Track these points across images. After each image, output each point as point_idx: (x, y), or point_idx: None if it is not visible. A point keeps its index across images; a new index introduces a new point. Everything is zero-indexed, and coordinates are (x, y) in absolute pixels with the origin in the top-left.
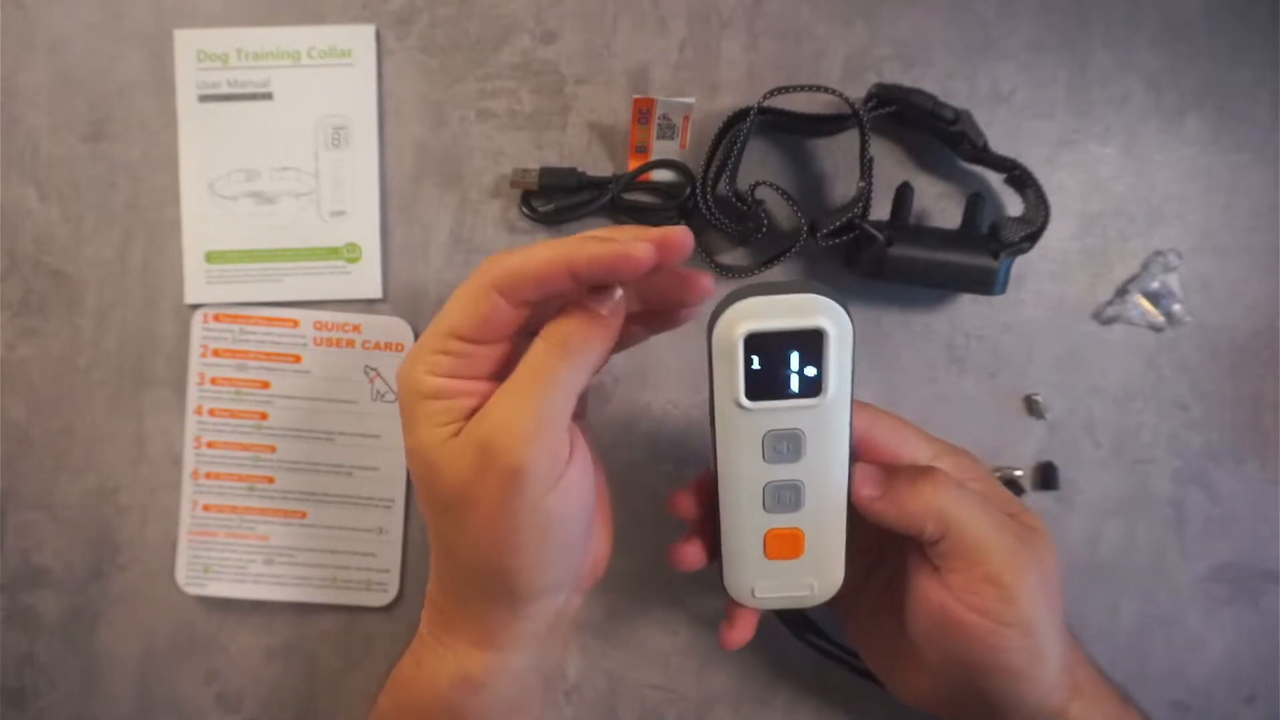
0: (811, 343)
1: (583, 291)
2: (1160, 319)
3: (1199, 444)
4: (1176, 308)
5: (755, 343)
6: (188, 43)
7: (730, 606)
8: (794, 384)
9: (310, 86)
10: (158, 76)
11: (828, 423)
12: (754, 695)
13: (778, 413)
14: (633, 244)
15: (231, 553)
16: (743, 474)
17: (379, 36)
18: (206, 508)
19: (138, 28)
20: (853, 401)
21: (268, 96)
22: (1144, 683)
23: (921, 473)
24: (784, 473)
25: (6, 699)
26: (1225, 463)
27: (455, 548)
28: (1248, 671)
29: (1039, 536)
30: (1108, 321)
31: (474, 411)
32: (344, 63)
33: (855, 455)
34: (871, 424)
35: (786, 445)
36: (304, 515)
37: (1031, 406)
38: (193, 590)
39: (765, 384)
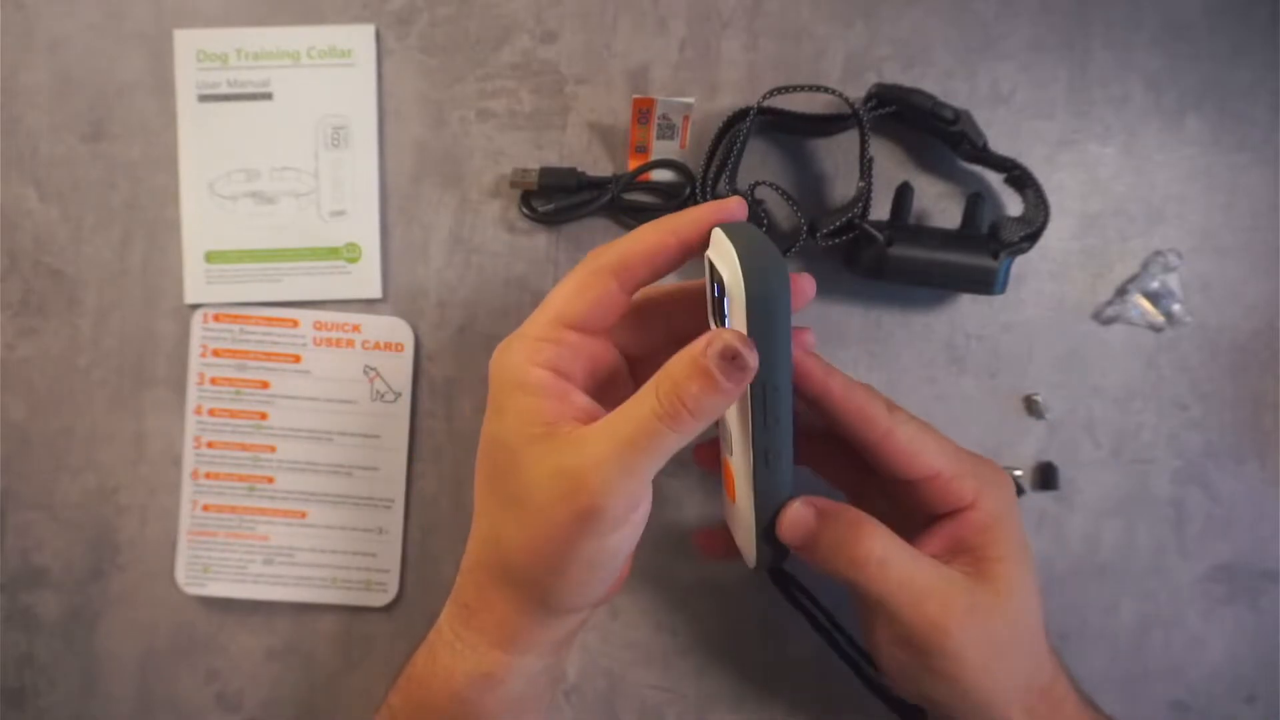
0: (724, 292)
1: (713, 356)
2: (1160, 319)
3: (1199, 444)
4: (1176, 308)
5: (712, 265)
6: (188, 43)
7: None
8: (726, 323)
9: (310, 86)
10: (158, 76)
11: None
12: (754, 695)
13: None
14: (726, 199)
15: (231, 553)
16: None
17: (379, 36)
18: (206, 508)
19: (138, 28)
20: (773, 381)
21: (268, 96)
22: (1144, 683)
23: (854, 532)
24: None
25: (6, 699)
26: (1225, 463)
27: (506, 542)
28: (1248, 671)
29: (997, 592)
30: (1108, 321)
31: (560, 418)
32: (344, 63)
33: (795, 451)
34: (890, 429)
35: None
36: (304, 515)
37: (1031, 406)
38: (193, 590)
39: (717, 310)
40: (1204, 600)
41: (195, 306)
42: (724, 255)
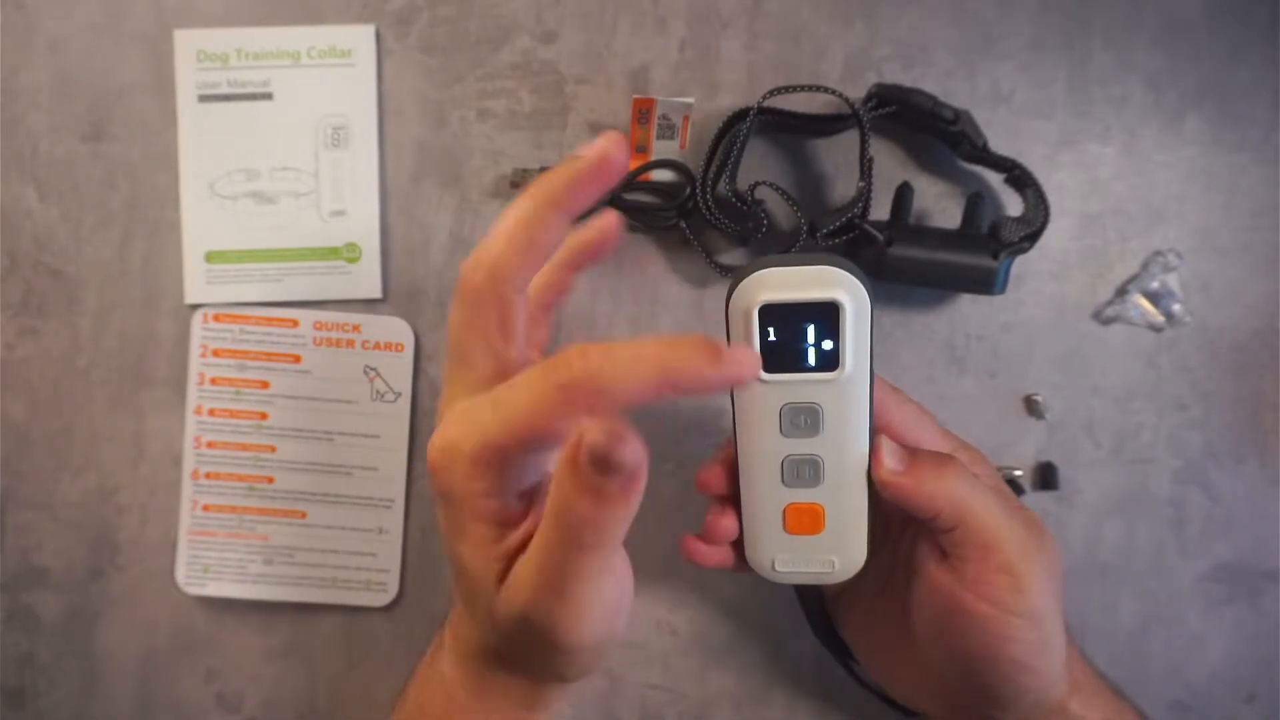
0: (827, 315)
1: (586, 469)
2: (1160, 319)
3: (1199, 444)
4: (1176, 308)
5: (771, 314)
6: (188, 43)
7: (712, 524)
8: (811, 357)
9: (310, 86)
10: (158, 76)
11: (846, 397)
12: (754, 695)
13: (794, 386)
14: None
15: (231, 553)
16: (760, 447)
17: (379, 36)
18: (206, 508)
19: (138, 28)
20: (873, 377)
21: (268, 96)
22: (1144, 683)
23: (942, 458)
24: (802, 447)
25: (6, 699)
26: (1225, 463)
27: (508, 645)
28: (1248, 671)
29: (1045, 532)
30: (1108, 321)
31: (514, 545)
32: (344, 63)
33: (876, 432)
34: (895, 409)
35: (804, 419)
36: (304, 515)
37: (1031, 406)
38: (192, 590)
39: (781, 356)
40: (1204, 600)
41: (195, 306)
42: (808, 281)
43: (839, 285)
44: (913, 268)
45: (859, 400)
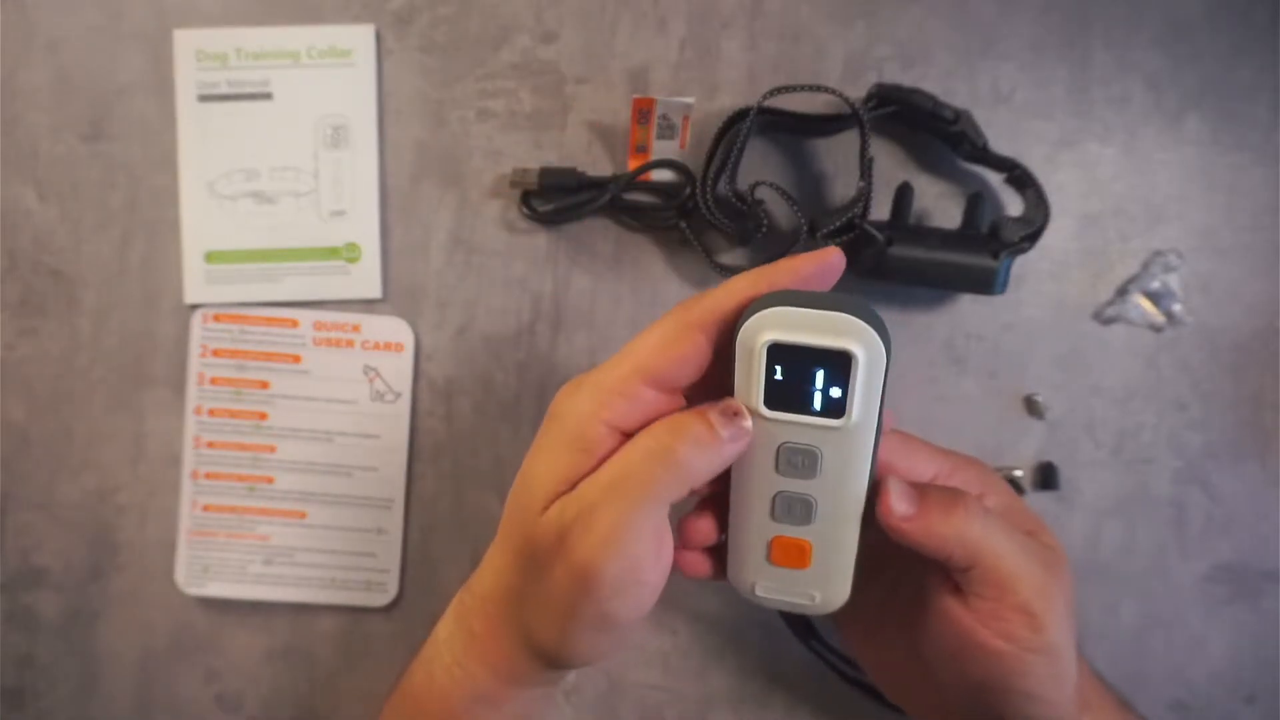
0: (838, 364)
1: (711, 408)
2: (1160, 319)
3: (1199, 444)
4: (1176, 308)
5: (779, 353)
6: (187, 43)
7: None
8: (816, 401)
9: (310, 86)
10: (157, 76)
11: (848, 446)
12: (754, 695)
13: (796, 427)
14: (825, 250)
15: (231, 553)
16: (753, 479)
17: (379, 36)
18: (206, 508)
19: (138, 28)
20: (881, 425)
21: (267, 96)
22: (1144, 683)
23: (953, 498)
24: (796, 486)
25: (6, 699)
26: (1225, 463)
27: (516, 589)
28: (1248, 671)
29: (1059, 558)
30: (1108, 321)
31: (584, 469)
32: (344, 62)
33: (877, 475)
34: (899, 449)
35: (801, 460)
36: (304, 515)
37: (1031, 406)
38: (192, 590)
39: (786, 396)
40: (1204, 600)
41: (195, 306)
42: (822, 327)
43: (854, 336)
44: (913, 268)
45: (862, 449)
